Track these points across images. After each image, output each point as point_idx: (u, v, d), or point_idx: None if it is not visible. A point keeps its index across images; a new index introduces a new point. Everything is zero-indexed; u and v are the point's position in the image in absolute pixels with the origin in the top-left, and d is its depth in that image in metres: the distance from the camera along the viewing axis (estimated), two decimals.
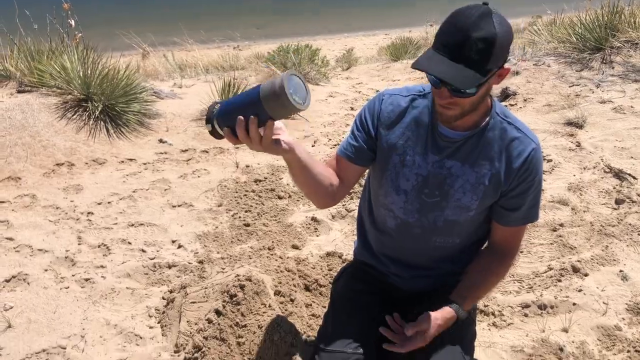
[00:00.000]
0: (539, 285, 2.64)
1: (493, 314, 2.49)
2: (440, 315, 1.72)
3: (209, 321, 2.19)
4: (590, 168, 3.68)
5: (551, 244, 2.95)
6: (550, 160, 3.80)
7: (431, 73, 1.50)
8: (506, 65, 1.57)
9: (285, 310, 2.35)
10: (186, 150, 4.29)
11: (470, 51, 1.45)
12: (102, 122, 4.31)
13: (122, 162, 4.02)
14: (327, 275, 2.71)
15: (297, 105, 1.42)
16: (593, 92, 4.90)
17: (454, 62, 1.46)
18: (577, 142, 4.05)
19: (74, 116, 4.28)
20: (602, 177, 3.55)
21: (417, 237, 1.87)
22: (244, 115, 1.45)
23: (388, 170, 1.82)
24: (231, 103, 1.50)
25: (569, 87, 5.09)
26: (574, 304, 2.48)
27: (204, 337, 2.13)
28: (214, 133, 1.54)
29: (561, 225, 3.09)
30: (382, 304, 2.05)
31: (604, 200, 3.32)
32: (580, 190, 3.43)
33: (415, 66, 1.51)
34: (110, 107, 4.35)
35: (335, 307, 2.10)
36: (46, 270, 2.76)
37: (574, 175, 3.62)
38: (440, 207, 1.79)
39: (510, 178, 1.71)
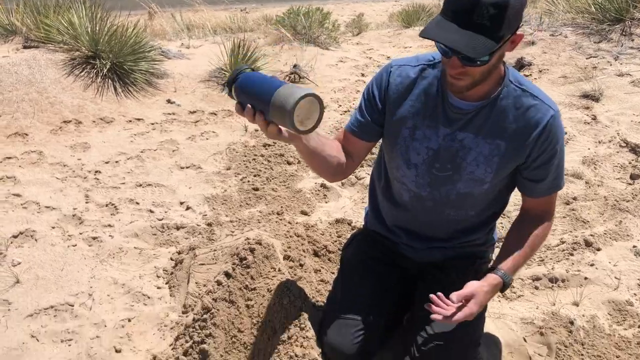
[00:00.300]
0: (551, 259, 2.61)
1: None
2: (487, 283, 1.64)
3: (219, 283, 2.17)
4: (606, 142, 3.62)
5: (564, 217, 2.91)
6: (565, 133, 3.73)
7: (440, 42, 1.41)
8: (519, 32, 1.48)
9: (295, 275, 2.34)
10: (194, 112, 4.24)
11: (482, 17, 1.37)
12: (109, 81, 4.24)
13: (130, 121, 3.97)
14: (336, 241, 2.68)
15: (299, 128, 1.43)
16: (611, 65, 4.80)
17: (464, 30, 1.39)
18: (592, 115, 3.97)
19: (82, 73, 4.21)
20: (618, 152, 3.49)
21: (430, 210, 1.82)
22: (252, 105, 1.45)
23: (398, 144, 1.76)
24: (249, 85, 1.48)
25: (586, 58, 4.98)
26: (586, 278, 2.45)
27: (213, 299, 2.12)
28: (230, 96, 1.52)
29: (574, 198, 3.04)
30: (393, 273, 2.02)
31: (618, 174, 3.27)
32: (594, 164, 3.37)
33: (423, 35, 1.43)
34: (118, 65, 4.28)
35: (345, 274, 2.08)
36: (53, 227, 2.74)
37: (589, 149, 3.56)
38: (452, 181, 1.73)
39: (528, 149, 1.64)
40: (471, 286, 1.61)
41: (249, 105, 1.46)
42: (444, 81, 1.66)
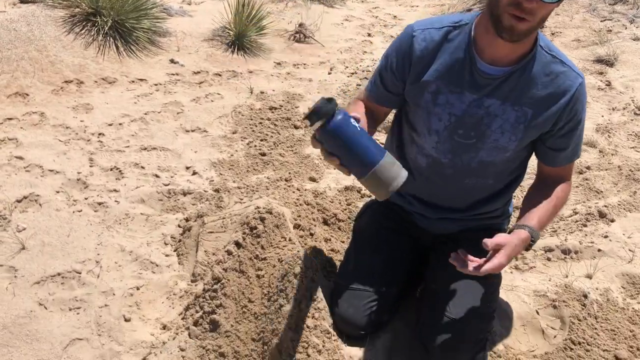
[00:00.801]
0: (564, 230, 2.58)
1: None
2: (516, 236, 1.59)
3: (229, 253, 2.13)
4: (620, 109, 3.54)
5: (577, 187, 2.86)
6: None
7: None
8: None
9: (305, 244, 2.30)
10: (198, 72, 4.13)
11: None
12: (111, 39, 4.11)
13: (133, 82, 3.87)
14: (345, 209, 2.64)
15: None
16: (626, 28, 4.67)
17: None
18: (607, 80, 3.88)
19: (82, 31, 4.08)
20: (632, 119, 3.42)
21: (448, 177, 1.78)
22: (337, 154, 1.37)
23: (420, 108, 1.70)
24: (346, 138, 1.35)
25: (601, 21, 4.85)
26: (599, 250, 2.42)
27: (223, 269, 2.09)
28: (310, 125, 1.37)
29: (588, 168, 2.99)
30: (407, 244, 1.99)
31: (633, 143, 3.20)
32: (608, 132, 3.31)
33: None
34: (119, 23, 4.14)
35: (358, 244, 2.05)
36: (58, 192, 2.69)
37: (602, 116, 3.49)
38: (476, 149, 1.68)
39: (555, 116, 1.60)
40: (501, 236, 1.55)
41: (336, 157, 1.38)
42: (472, 45, 1.58)
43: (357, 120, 1.39)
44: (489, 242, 1.51)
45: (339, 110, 1.36)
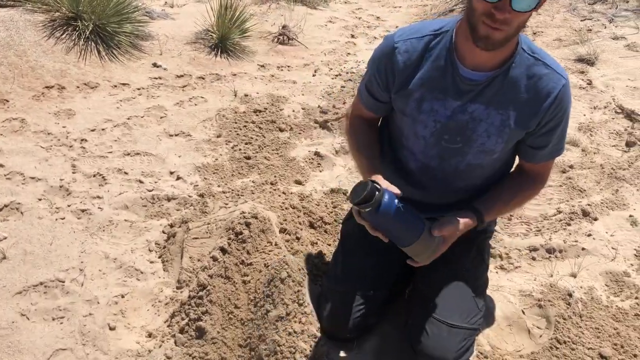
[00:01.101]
0: (548, 229, 2.59)
1: (500, 256, 2.45)
2: (463, 222, 1.64)
3: (214, 259, 2.12)
4: (601, 108, 3.57)
5: (560, 186, 2.89)
6: None
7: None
8: None
9: (291, 248, 2.29)
10: (182, 76, 4.10)
11: None
12: (92, 43, 4.07)
13: (115, 86, 3.83)
14: (331, 212, 2.64)
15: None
16: (605, 27, 4.72)
17: None
18: (588, 80, 3.92)
19: (63, 36, 4.04)
20: (613, 118, 3.46)
21: (438, 181, 1.79)
22: (382, 228, 1.54)
23: (406, 116, 1.71)
24: (389, 220, 1.51)
25: (581, 21, 4.90)
26: (583, 248, 2.44)
27: (208, 275, 2.07)
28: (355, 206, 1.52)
29: (571, 167, 3.01)
30: (395, 247, 1.98)
31: (614, 142, 3.24)
32: (590, 130, 3.34)
33: None
34: (101, 27, 4.10)
35: (345, 248, 2.04)
36: (40, 199, 2.65)
37: (584, 115, 3.52)
38: (463, 152, 1.69)
39: (538, 117, 1.60)
40: (447, 224, 1.62)
41: (381, 234, 1.55)
42: (453, 52, 1.59)
43: (399, 197, 1.52)
44: (436, 231, 1.59)
45: (385, 194, 1.48)
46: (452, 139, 1.67)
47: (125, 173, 2.92)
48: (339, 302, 1.93)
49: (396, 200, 1.50)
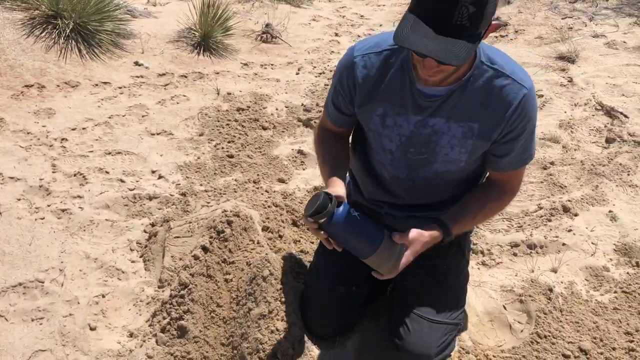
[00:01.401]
0: (529, 225, 2.62)
1: (482, 252, 2.47)
2: (429, 234, 1.61)
3: (195, 257, 2.11)
4: (582, 105, 3.61)
5: (541, 182, 2.91)
6: (542, 96, 3.71)
7: (420, 51, 1.30)
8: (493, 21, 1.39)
9: (274, 246, 2.29)
10: (164, 74, 4.08)
11: (461, 18, 1.26)
12: (73, 42, 4.03)
13: (96, 85, 3.79)
14: None
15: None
16: (586, 26, 4.77)
17: (443, 36, 1.27)
18: (569, 77, 3.96)
19: (43, 34, 3.99)
20: (593, 115, 3.50)
21: (409, 189, 1.79)
22: (342, 244, 1.53)
23: (370, 130, 1.71)
24: (344, 231, 1.50)
25: (562, 19, 4.95)
26: (564, 244, 2.47)
27: (190, 274, 2.06)
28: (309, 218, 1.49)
29: (552, 163, 3.04)
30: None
31: (594, 138, 3.27)
32: (571, 127, 3.37)
33: (398, 42, 1.31)
34: (81, 26, 4.06)
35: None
36: (19, 199, 2.62)
37: (565, 112, 3.56)
38: (428, 163, 1.68)
39: (500, 127, 1.57)
40: (412, 233, 1.59)
41: (338, 247, 1.54)
42: (410, 68, 1.57)
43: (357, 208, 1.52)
44: (397, 237, 1.57)
45: (339, 204, 1.47)
46: (417, 150, 1.66)
47: (107, 172, 2.90)
48: (320, 300, 1.93)
49: (352, 210, 1.49)
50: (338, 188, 1.59)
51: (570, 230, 2.54)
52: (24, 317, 2.03)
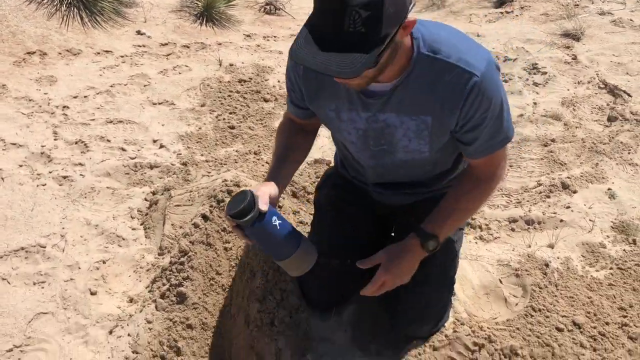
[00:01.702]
0: (528, 201, 2.63)
1: (480, 227, 2.48)
2: (399, 247, 1.59)
3: (195, 226, 2.13)
4: (585, 83, 3.59)
5: (541, 159, 2.92)
6: (545, 73, 3.69)
7: (311, 67, 1.21)
8: (410, 18, 1.26)
9: None
10: (166, 44, 4.05)
11: (354, 25, 1.15)
12: (75, 9, 4.00)
13: (98, 53, 3.78)
14: (314, 182, 2.65)
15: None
16: (593, 3, 4.72)
17: (334, 51, 1.18)
18: (573, 55, 3.93)
19: (45, 1, 3.95)
20: (597, 93, 3.48)
21: (384, 174, 1.77)
22: (257, 242, 1.54)
23: (328, 124, 1.67)
24: (263, 236, 1.51)
25: None
26: (561, 220, 2.48)
27: (190, 242, 2.08)
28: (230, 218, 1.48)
29: (553, 140, 3.04)
30: (369, 215, 1.99)
31: (596, 116, 3.27)
32: (573, 105, 3.36)
33: (292, 57, 1.24)
34: None
35: (320, 219, 2.03)
36: (21, 165, 2.64)
37: (568, 90, 3.54)
38: (391, 153, 1.64)
39: (454, 119, 1.48)
40: (379, 255, 1.58)
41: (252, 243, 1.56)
42: None
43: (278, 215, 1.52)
44: (361, 264, 1.59)
45: (262, 210, 1.46)
46: (377, 142, 1.61)
47: (108, 141, 2.90)
48: (316, 273, 1.94)
49: (274, 219, 1.49)
50: (271, 189, 1.54)
51: (568, 207, 2.55)
52: (25, 280, 2.06)
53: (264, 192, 1.51)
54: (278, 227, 1.49)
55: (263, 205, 1.46)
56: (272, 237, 1.50)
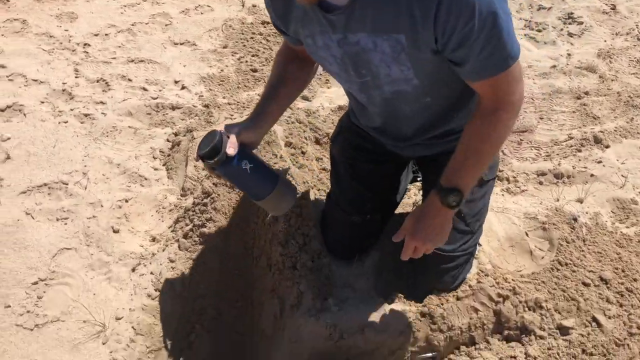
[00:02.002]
0: (557, 154, 2.55)
1: (507, 179, 2.43)
2: (419, 208, 1.50)
3: None
4: (623, 34, 3.43)
5: (574, 112, 2.82)
6: (581, 23, 3.53)
7: None
8: None
9: (296, 162, 2.27)
10: None
11: None
12: None
13: None
14: None
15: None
16: None
17: None
18: (612, 4, 3.74)
19: None
20: (635, 45, 3.32)
21: (384, 111, 1.60)
22: (230, 182, 1.56)
23: (311, 53, 1.49)
24: (233, 179, 1.53)
25: None
26: (592, 175, 2.41)
27: (213, 184, 2.06)
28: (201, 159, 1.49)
29: (586, 93, 2.93)
30: (386, 168, 1.91)
31: (634, 69, 3.13)
32: (610, 57, 3.22)
33: None
34: None
35: (337, 171, 1.96)
36: (43, 102, 2.61)
37: (605, 41, 3.39)
38: (376, 86, 1.47)
39: (431, 35, 1.26)
40: (406, 221, 1.51)
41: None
42: None
43: (252, 156, 1.51)
44: (395, 237, 1.52)
45: (230, 150, 1.44)
46: (358, 72, 1.44)
47: (129, 80, 2.86)
48: (336, 228, 1.92)
49: (245, 162, 1.47)
50: (244, 130, 1.50)
51: (600, 162, 2.48)
52: (49, 216, 2.07)
53: (236, 135, 1.47)
54: (249, 171, 1.48)
55: (230, 148, 1.43)
56: (244, 179, 1.50)
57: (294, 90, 1.68)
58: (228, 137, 1.46)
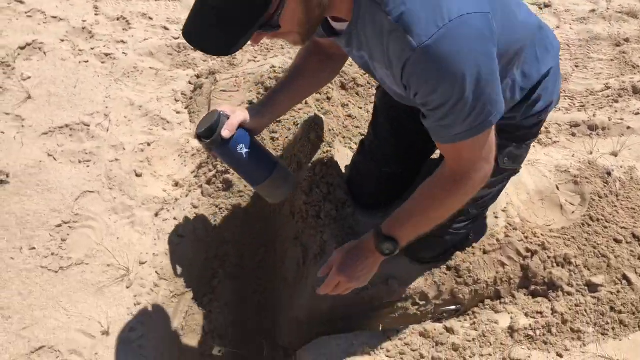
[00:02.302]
0: (593, 105, 2.45)
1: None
2: (351, 245, 1.46)
3: None
4: None
5: (612, 60, 2.69)
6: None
7: (188, 41, 1.12)
8: None
9: (322, 108, 2.20)
10: None
11: None
12: None
13: None
14: (365, 74, 2.50)
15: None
16: None
17: (205, 22, 1.08)
18: None
19: None
20: None
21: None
22: (229, 165, 1.54)
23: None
24: (229, 162, 1.51)
25: None
26: (629, 127, 2.32)
27: None
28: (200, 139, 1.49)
29: (626, 40, 2.78)
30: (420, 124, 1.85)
31: None
32: None
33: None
34: None
35: (376, 124, 1.90)
36: (62, 40, 2.55)
37: None
38: (388, 92, 1.45)
39: (401, 81, 1.21)
40: (334, 254, 1.46)
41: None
42: None
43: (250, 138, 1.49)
44: (320, 271, 1.48)
45: (227, 138, 1.43)
46: (372, 77, 1.44)
47: (150, 18, 2.77)
48: (366, 180, 1.87)
49: (241, 145, 1.45)
50: (245, 115, 1.48)
51: (638, 114, 2.37)
52: (71, 158, 2.05)
53: (235, 118, 1.45)
54: (244, 155, 1.46)
55: (225, 131, 1.42)
56: (239, 163, 1.49)
57: (309, 84, 1.66)
58: (228, 118, 1.46)
